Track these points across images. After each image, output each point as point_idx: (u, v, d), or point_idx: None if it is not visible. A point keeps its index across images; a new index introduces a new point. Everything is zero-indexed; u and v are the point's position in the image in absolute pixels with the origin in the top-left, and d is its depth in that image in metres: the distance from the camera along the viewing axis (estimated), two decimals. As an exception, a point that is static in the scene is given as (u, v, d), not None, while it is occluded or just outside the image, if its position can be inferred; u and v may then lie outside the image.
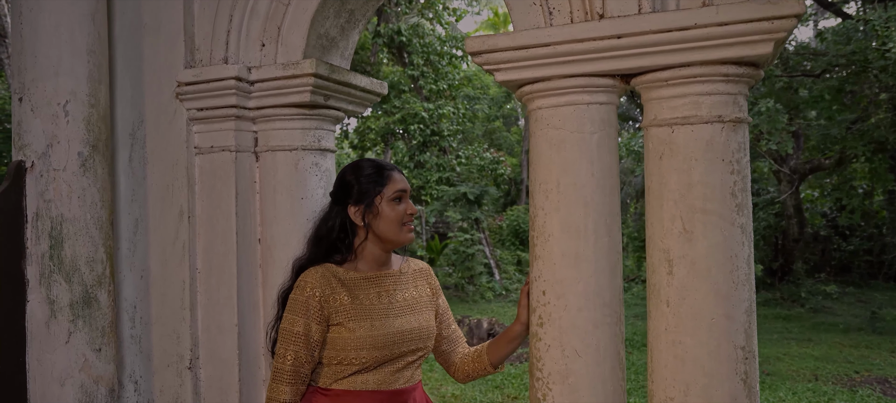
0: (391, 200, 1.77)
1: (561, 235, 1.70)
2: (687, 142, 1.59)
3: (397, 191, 1.78)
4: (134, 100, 2.20)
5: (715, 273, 1.56)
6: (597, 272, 1.68)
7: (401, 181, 1.80)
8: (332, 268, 1.77)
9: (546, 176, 1.72)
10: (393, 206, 1.77)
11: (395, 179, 1.79)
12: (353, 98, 2.20)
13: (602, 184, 1.70)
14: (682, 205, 1.59)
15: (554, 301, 1.71)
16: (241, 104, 2.08)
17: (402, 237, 1.79)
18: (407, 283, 1.87)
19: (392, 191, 1.77)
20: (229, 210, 2.11)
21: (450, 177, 14.90)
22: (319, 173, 2.14)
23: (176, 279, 2.15)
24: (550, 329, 1.71)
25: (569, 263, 1.69)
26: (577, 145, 1.68)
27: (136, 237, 2.21)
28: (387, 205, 1.77)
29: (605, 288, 1.69)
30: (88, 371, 1.90)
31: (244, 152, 2.14)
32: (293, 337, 1.70)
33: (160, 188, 2.18)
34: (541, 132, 1.74)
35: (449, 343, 1.99)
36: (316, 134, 2.13)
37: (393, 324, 1.75)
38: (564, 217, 1.69)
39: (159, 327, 2.18)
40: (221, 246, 2.12)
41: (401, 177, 1.81)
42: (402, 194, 1.79)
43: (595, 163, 1.69)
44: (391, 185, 1.78)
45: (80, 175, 1.90)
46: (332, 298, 1.71)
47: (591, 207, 1.68)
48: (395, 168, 1.84)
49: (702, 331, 1.57)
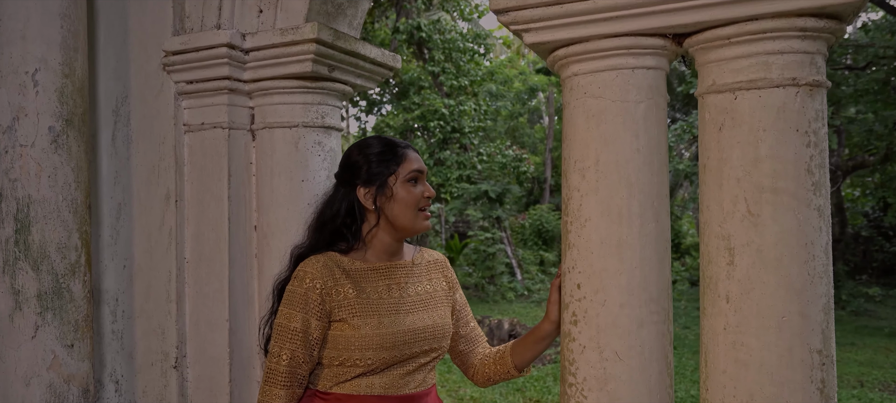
0: (407, 181, 1.57)
1: (600, 220, 1.45)
2: (753, 111, 1.33)
3: (413, 170, 1.58)
4: (118, 73, 1.99)
5: (787, 263, 1.30)
6: (642, 262, 1.43)
7: (417, 160, 1.60)
8: (336, 258, 1.57)
9: (583, 152, 1.47)
10: (409, 189, 1.57)
11: (410, 158, 1.59)
12: (361, 70, 1.96)
13: (649, 161, 1.44)
14: (747, 184, 1.33)
15: (591, 295, 1.46)
16: (234, 76, 1.86)
17: (419, 224, 1.58)
18: (420, 276, 1.67)
19: (408, 170, 1.57)
20: (221, 193, 1.89)
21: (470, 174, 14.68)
22: (323, 153, 1.91)
23: (162, 269, 1.94)
24: (586, 328, 1.46)
25: (609, 252, 1.44)
26: (619, 116, 1.43)
27: (119, 223, 2.00)
28: (402, 187, 1.57)
29: (652, 282, 1.44)
30: (58, 368, 1.70)
31: (239, 130, 1.92)
32: (290, 334, 1.51)
33: (145, 169, 1.97)
34: (577, 102, 1.49)
35: (467, 342, 1.77)
36: (319, 109, 1.90)
37: (403, 321, 1.56)
38: (604, 199, 1.44)
39: (143, 321, 1.97)
40: (212, 234, 1.90)
41: (416, 156, 1.61)
42: (419, 175, 1.59)
43: (640, 137, 1.43)
44: (407, 164, 1.58)
45: (50, 152, 1.69)
46: (335, 291, 1.52)
47: (636, 188, 1.43)
48: (409, 146, 1.62)
49: (770, 332, 1.31)
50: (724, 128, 1.36)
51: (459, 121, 14.60)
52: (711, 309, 1.39)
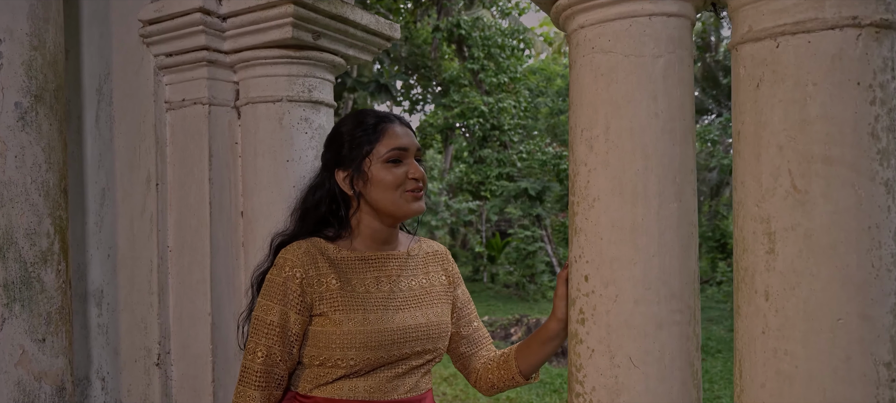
0: (385, 161, 1.38)
1: (610, 199, 1.22)
2: (800, 61, 1.08)
3: (393, 149, 1.38)
4: (101, 50, 1.86)
5: (843, 251, 1.05)
6: (661, 250, 1.20)
7: (401, 135, 1.40)
8: (321, 245, 1.41)
9: (590, 119, 1.25)
10: (388, 169, 1.38)
11: (391, 133, 1.39)
12: (352, 39, 1.77)
13: (669, 127, 1.21)
14: (792, 153, 1.08)
15: (600, 289, 1.23)
16: (213, 45, 1.70)
17: (404, 207, 1.39)
18: (416, 269, 1.49)
19: (386, 149, 1.38)
20: (202, 176, 1.73)
21: (510, 172, 14.44)
22: (310, 130, 1.73)
23: (144, 258, 1.80)
24: (595, 327, 1.24)
25: (621, 237, 1.21)
26: (633, 74, 1.21)
27: (104, 209, 1.87)
28: (379, 168, 1.38)
29: (673, 273, 1.21)
30: (27, 365, 1.56)
31: (221, 106, 1.76)
32: (266, 328, 1.36)
33: (126, 151, 1.83)
34: (583, 60, 1.27)
35: (469, 344, 1.57)
36: (306, 82, 1.72)
37: (392, 319, 1.38)
38: (616, 174, 1.22)
39: (127, 315, 1.83)
40: (193, 220, 1.75)
41: (402, 131, 1.41)
42: (401, 153, 1.39)
43: (660, 99, 1.20)
44: (386, 141, 1.39)
45: (17, 130, 1.56)
46: (318, 281, 1.36)
47: (654, 160, 1.20)
48: (399, 119, 1.44)
49: (821, 337, 1.06)
50: (763, 84, 1.11)
51: (499, 119, 14.39)
52: (747, 307, 1.15)
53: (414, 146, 1.40)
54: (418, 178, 1.38)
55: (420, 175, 1.38)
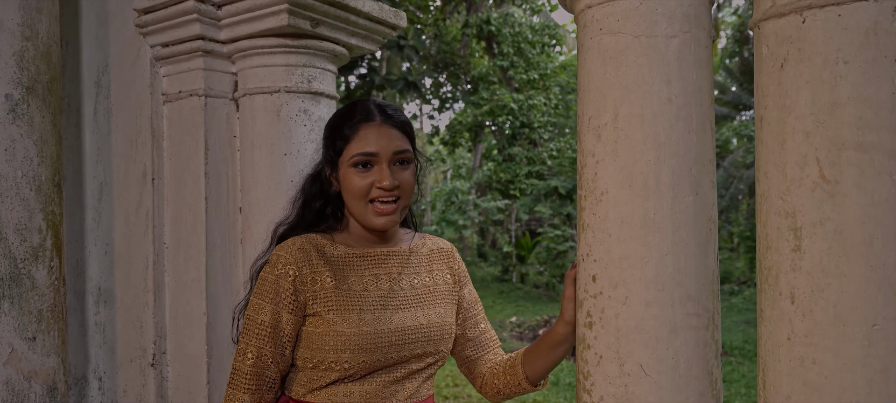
0: (352, 165, 1.28)
1: (619, 192, 1.12)
2: (829, 36, 0.96)
3: (358, 154, 1.27)
4: (99, 41, 1.82)
5: (879, 248, 0.93)
6: (675, 248, 1.09)
7: (369, 139, 1.27)
8: (317, 240, 1.33)
9: (598, 106, 1.15)
10: (355, 174, 1.28)
11: (359, 136, 1.28)
12: (354, 27, 1.70)
13: (684, 114, 1.10)
14: (821, 139, 0.97)
15: (608, 290, 1.13)
16: (208, 35, 1.63)
17: (369, 219, 1.30)
18: (418, 266, 1.40)
19: (351, 152, 1.28)
20: (197, 170, 1.67)
21: (540, 170, 14.27)
22: (310, 123, 1.66)
23: (139, 255, 1.75)
24: (603, 332, 1.14)
25: (631, 234, 1.11)
26: (644, 56, 1.10)
27: (101, 204, 1.83)
28: (347, 172, 1.30)
29: (689, 274, 1.10)
30: (17, 364, 1.52)
31: (218, 98, 1.70)
32: (257, 328, 1.28)
33: (123, 144, 1.78)
34: (591, 42, 1.16)
35: (475, 347, 1.48)
36: (304, 72, 1.65)
37: (390, 320, 1.30)
38: (625, 165, 1.11)
39: (123, 313, 1.79)
40: (189, 216, 1.69)
41: (373, 132, 1.28)
42: (369, 158, 1.27)
43: (674, 83, 1.10)
44: (354, 145, 1.28)
45: (8, 123, 1.53)
46: (311, 279, 1.28)
47: (667, 149, 1.10)
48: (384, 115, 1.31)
49: (854, 345, 0.94)
50: (788, 63, 1.00)
51: (529, 116, 14.23)
52: (770, 310, 1.03)
53: (387, 150, 1.27)
54: (385, 187, 1.26)
55: (388, 183, 1.26)
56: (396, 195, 1.29)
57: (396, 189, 1.29)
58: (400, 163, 1.30)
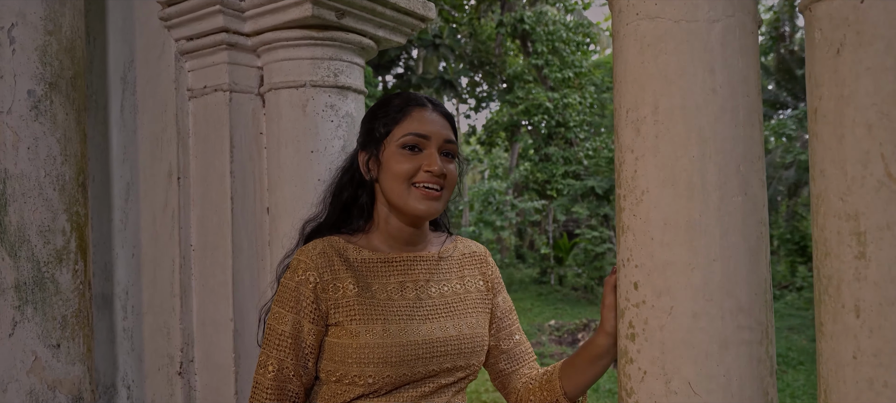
0: (399, 146, 1.22)
1: (661, 192, 1.03)
2: (893, 16, 0.86)
3: (410, 134, 1.22)
4: (125, 35, 1.79)
5: (959, 256, 0.82)
6: (724, 253, 1.00)
7: (425, 120, 1.23)
8: (339, 244, 1.26)
9: (636, 98, 1.06)
10: (403, 156, 1.22)
11: (413, 116, 1.23)
12: (381, 19, 1.64)
13: (730, 105, 1.01)
14: (885, 133, 0.87)
15: (652, 299, 1.04)
16: (232, 27, 1.59)
17: (410, 204, 1.22)
18: (449, 272, 1.32)
19: (402, 132, 1.22)
20: (222, 169, 1.63)
21: (577, 170, 14.06)
22: (336, 118, 1.61)
23: (166, 258, 1.72)
24: (647, 345, 1.05)
25: (675, 237, 1.02)
26: (686, 42, 1.02)
27: (128, 205, 1.81)
28: (393, 153, 1.23)
29: (740, 281, 1.01)
30: (40, 372, 1.49)
31: (244, 93, 1.65)
32: (277, 339, 1.22)
33: (149, 142, 1.75)
34: (627, 28, 1.08)
35: (510, 360, 1.39)
36: (331, 66, 1.60)
37: (417, 330, 1.22)
38: (667, 161, 1.03)
39: (151, 319, 1.76)
40: (215, 217, 1.65)
41: (430, 115, 1.24)
42: (419, 139, 1.22)
43: (718, 72, 1.01)
44: (405, 124, 1.23)
45: (30, 120, 1.50)
46: (333, 286, 1.21)
47: (713, 144, 1.01)
48: (433, 104, 1.27)
49: (928, 366, 0.84)
50: (845, 48, 0.90)
51: (564, 115, 14.03)
52: (832, 325, 0.93)
53: (440, 135, 1.23)
54: (434, 171, 1.20)
55: (438, 168, 1.20)
56: (442, 184, 1.23)
57: (443, 178, 1.22)
58: (446, 154, 1.25)
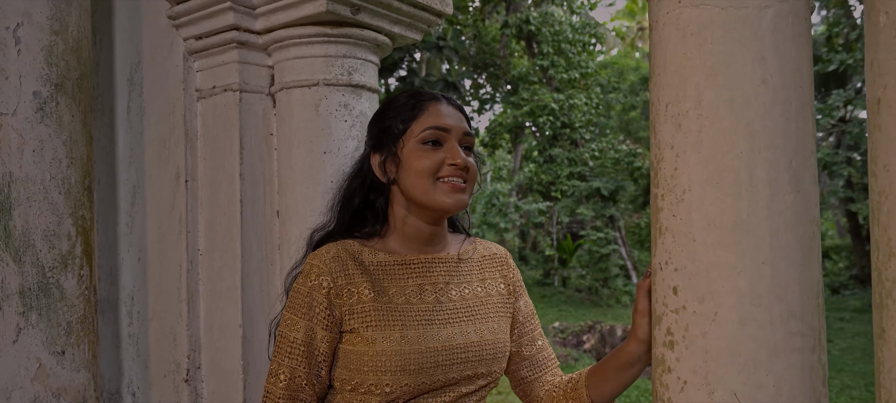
0: (420, 142, 1.17)
1: (705, 190, 0.97)
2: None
3: (430, 128, 1.17)
4: (131, 35, 1.74)
5: None
6: (775, 255, 0.94)
7: (442, 113, 1.19)
8: (353, 247, 1.20)
9: (678, 90, 1.00)
10: (422, 151, 1.17)
11: (430, 111, 1.19)
12: (397, 14, 1.58)
13: (782, 97, 0.95)
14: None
15: (693, 305, 0.98)
16: (243, 24, 1.53)
17: (437, 198, 1.17)
18: (469, 275, 1.26)
19: (422, 127, 1.18)
20: (232, 170, 1.57)
21: (582, 171, 13.99)
22: (350, 118, 1.54)
23: (172, 262, 1.66)
24: (687, 353, 0.99)
25: (720, 239, 0.95)
26: (734, 30, 0.95)
27: (134, 208, 1.75)
28: (412, 150, 1.18)
29: (791, 285, 0.94)
30: (44, 380, 1.44)
31: (254, 93, 1.59)
32: (289, 346, 1.17)
33: (156, 144, 1.69)
34: (668, 17, 1.01)
35: (532, 367, 1.33)
36: (345, 63, 1.54)
37: (437, 336, 1.17)
38: (712, 158, 0.96)
39: (156, 324, 1.70)
40: (224, 220, 1.59)
41: (444, 110, 1.20)
42: (440, 133, 1.18)
43: (769, 61, 0.94)
44: (423, 119, 1.18)
45: (36, 122, 1.45)
46: (347, 291, 1.16)
47: (763, 138, 0.94)
48: (447, 99, 1.23)
49: None
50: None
51: (570, 116, 13.97)
52: (895, 331, 0.86)
53: (459, 128, 1.19)
54: (459, 164, 1.16)
55: (462, 161, 1.16)
56: (465, 177, 1.18)
57: (466, 170, 1.18)
58: (466, 148, 1.20)
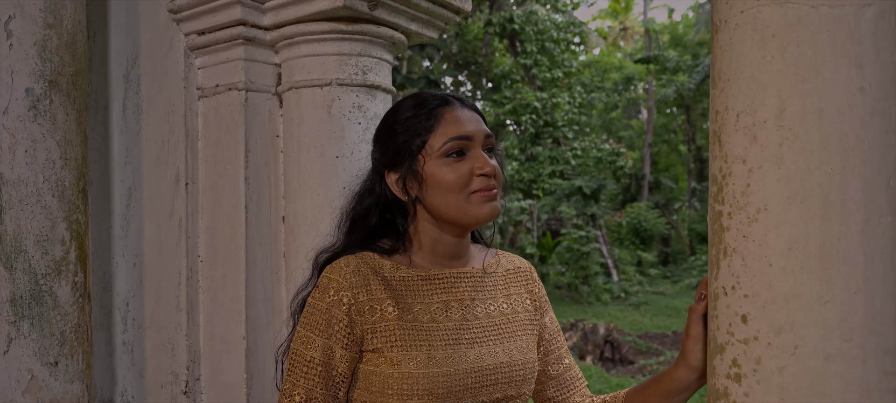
0: (443, 155, 1.09)
1: (786, 210, 0.88)
2: None
3: (452, 139, 1.08)
4: (128, 30, 1.62)
5: None
6: (868, 285, 0.86)
7: (460, 121, 1.10)
8: (375, 260, 1.12)
9: (754, 99, 0.91)
10: (447, 165, 1.09)
11: (447, 119, 1.10)
12: (415, 11, 1.48)
13: (881, 108, 0.87)
14: None
15: (769, 336, 0.89)
16: (250, 19, 1.42)
17: (472, 212, 1.09)
18: (495, 290, 1.19)
19: (442, 140, 1.08)
20: (236, 174, 1.46)
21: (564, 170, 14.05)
22: (364, 120, 1.44)
23: (171, 269, 1.55)
24: (759, 388, 0.90)
25: (803, 265, 0.87)
26: (827, 31, 0.86)
27: (130, 212, 1.63)
28: (436, 165, 1.09)
29: (885, 319, 0.86)
30: (37, 392, 1.35)
31: (260, 92, 1.48)
32: (305, 366, 1.09)
33: (154, 145, 1.58)
34: (742, 17, 0.92)
35: (559, 387, 1.26)
36: (359, 62, 1.43)
37: (465, 357, 1.09)
38: (796, 174, 0.88)
39: (153, 333, 1.59)
40: (226, 226, 1.48)
41: (462, 115, 1.11)
42: (464, 143, 1.09)
43: (867, 68, 0.86)
44: (442, 129, 1.09)
45: (28, 121, 1.35)
46: (370, 308, 1.08)
47: (858, 154, 0.86)
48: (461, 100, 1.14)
49: None
50: None
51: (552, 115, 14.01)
52: None
53: (480, 133, 1.10)
54: (488, 173, 1.08)
55: (491, 169, 1.08)
56: (495, 184, 1.10)
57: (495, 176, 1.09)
58: (488, 150, 1.12)
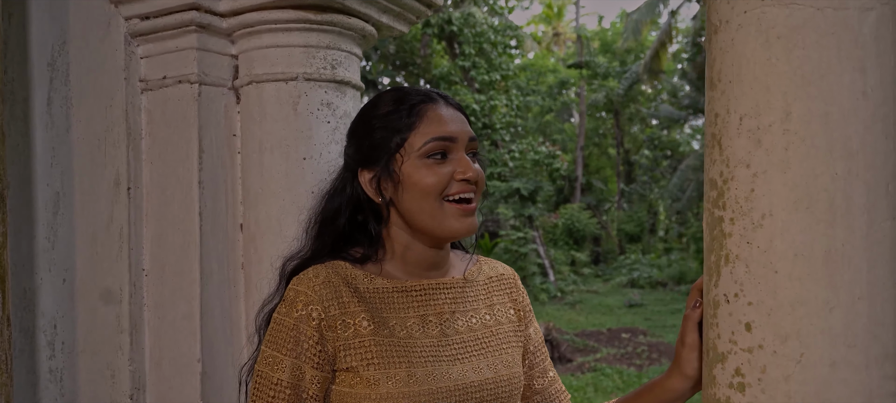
0: (422, 156, 1.01)
1: (791, 216, 0.86)
2: None
3: (434, 139, 1.00)
4: (53, 12, 1.45)
5: None
6: (871, 291, 0.84)
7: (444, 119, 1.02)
8: (346, 270, 1.04)
9: (758, 102, 0.88)
10: (426, 167, 1.01)
11: (429, 117, 1.02)
12: (387, 2, 1.39)
13: (882, 113, 0.86)
14: None
15: (774, 344, 0.86)
16: (204, 5, 1.31)
17: (445, 223, 1.01)
18: (476, 301, 1.12)
19: (423, 139, 1.01)
20: (189, 178, 1.34)
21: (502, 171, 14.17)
22: (334, 119, 1.35)
23: (111, 285, 1.40)
24: (765, 398, 0.88)
25: (809, 271, 0.85)
26: (831, 34, 0.85)
27: (57, 220, 1.46)
28: (413, 166, 1.01)
29: (887, 325, 0.85)
30: (-58, 429, 1.17)
31: (215, 86, 1.37)
32: (273, 389, 1.00)
33: (88, 144, 1.43)
34: (745, 17, 0.90)
35: (544, 401, 1.20)
36: (328, 56, 1.34)
37: (447, 374, 1.02)
38: (801, 179, 0.85)
39: (87, 358, 1.44)
40: (177, 235, 1.36)
41: (447, 112, 1.03)
42: (447, 144, 1.01)
43: (870, 72, 0.85)
44: (424, 128, 1.01)
45: (-67, 114, 1.16)
46: (342, 323, 1.00)
47: (861, 158, 0.84)
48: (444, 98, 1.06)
49: None
50: None
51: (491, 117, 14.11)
52: None
53: (464, 134, 1.02)
54: (470, 179, 1.00)
55: (473, 174, 1.01)
56: (475, 191, 1.03)
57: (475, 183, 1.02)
58: (472, 154, 1.04)
